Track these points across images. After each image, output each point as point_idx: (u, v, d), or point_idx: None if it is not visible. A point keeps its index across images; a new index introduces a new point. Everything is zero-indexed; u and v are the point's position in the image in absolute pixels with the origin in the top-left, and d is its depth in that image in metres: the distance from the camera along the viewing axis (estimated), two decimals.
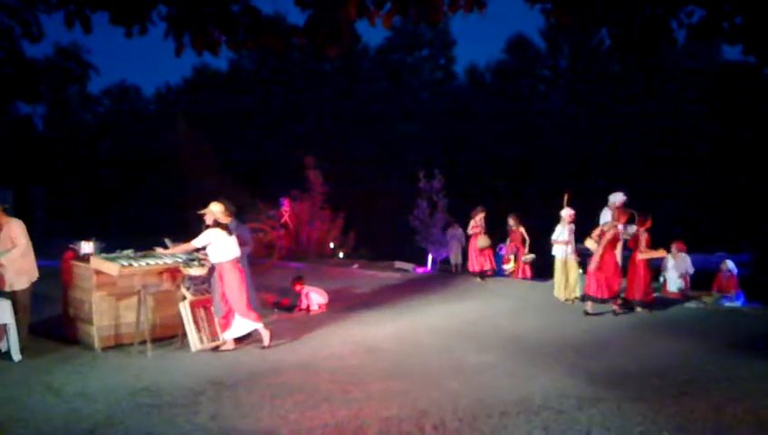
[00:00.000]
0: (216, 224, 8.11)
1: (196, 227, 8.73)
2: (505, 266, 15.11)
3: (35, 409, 5.96)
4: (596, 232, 10.55)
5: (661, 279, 12.73)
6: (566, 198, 11.81)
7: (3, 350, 7.60)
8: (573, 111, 43.20)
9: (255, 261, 12.06)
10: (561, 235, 11.76)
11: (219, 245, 8.06)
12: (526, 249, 14.78)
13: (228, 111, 43.13)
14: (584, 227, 11.22)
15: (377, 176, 35.36)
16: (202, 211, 8.26)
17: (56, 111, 42.33)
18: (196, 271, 8.23)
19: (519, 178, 38.71)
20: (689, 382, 6.71)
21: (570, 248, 11.68)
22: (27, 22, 4.14)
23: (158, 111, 47.95)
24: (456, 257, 18.42)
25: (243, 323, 8.20)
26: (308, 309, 10.73)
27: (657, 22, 4.21)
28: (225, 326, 8.19)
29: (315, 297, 10.90)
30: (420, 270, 17.67)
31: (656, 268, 12.22)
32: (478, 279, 14.38)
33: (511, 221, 14.78)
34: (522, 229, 14.82)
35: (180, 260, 8.52)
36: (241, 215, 9.00)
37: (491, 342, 8.62)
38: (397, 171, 33.44)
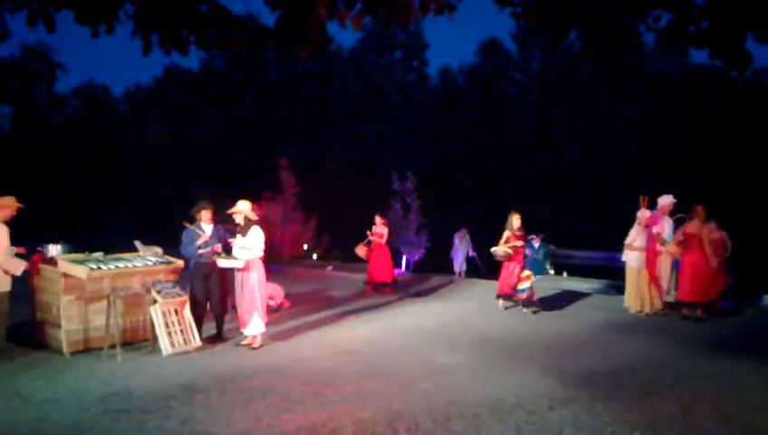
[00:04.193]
0: (250, 220, 8.31)
1: (169, 227, 8.67)
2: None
3: (2, 415, 5.83)
4: (677, 236, 10.37)
5: None
6: (644, 201, 10.80)
7: None
8: (545, 112, 43.57)
9: None
10: (637, 239, 10.67)
11: (261, 241, 8.28)
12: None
13: (200, 111, 42.78)
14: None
15: (350, 177, 35.34)
16: (232, 210, 8.36)
17: (23, 111, 41.62)
18: (230, 263, 8.25)
19: (492, 179, 38.94)
20: (658, 382, 6.80)
21: (644, 256, 10.61)
22: None
23: (128, 110, 47.40)
24: (461, 264, 18.26)
25: (260, 322, 8.30)
26: (277, 309, 10.67)
27: (626, 26, 4.26)
28: (248, 323, 8.27)
29: (276, 292, 10.83)
30: (394, 272, 17.68)
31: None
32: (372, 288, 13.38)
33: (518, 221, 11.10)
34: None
35: (150, 262, 8.44)
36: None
37: (463, 342, 8.66)
38: (370, 172, 33.49)
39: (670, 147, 35.73)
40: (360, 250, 13.60)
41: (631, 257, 10.74)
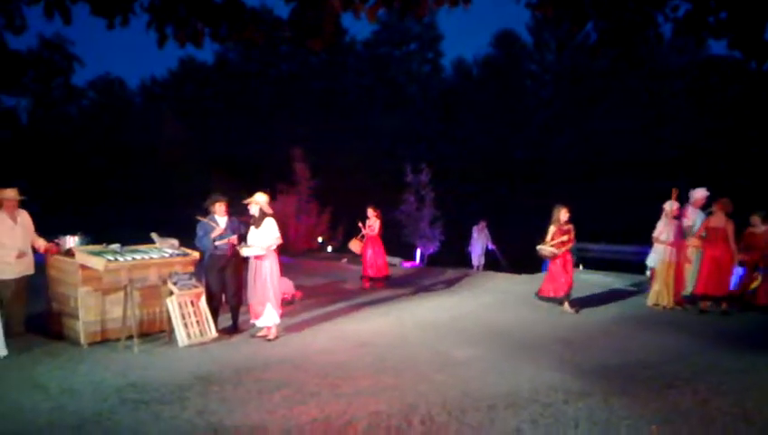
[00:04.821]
0: (264, 213, 8.33)
1: (183, 220, 8.71)
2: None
3: (20, 405, 5.90)
4: (699, 231, 10.20)
5: (647, 273, 12.76)
6: (674, 193, 10.54)
7: None
8: (560, 105, 43.25)
9: None
10: (664, 232, 10.52)
11: (275, 232, 8.31)
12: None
13: (214, 103, 42.91)
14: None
15: (364, 169, 35.33)
16: (248, 201, 8.42)
17: (41, 104, 41.94)
18: (253, 251, 8.27)
19: (506, 173, 38.76)
20: (675, 376, 6.75)
21: (672, 250, 10.43)
22: (10, 13, 4.07)
23: (143, 103, 47.64)
24: (479, 258, 18.01)
25: (274, 313, 8.33)
26: (291, 302, 10.69)
27: (644, 16, 4.21)
28: (260, 314, 8.30)
29: (286, 286, 10.87)
30: (408, 264, 17.68)
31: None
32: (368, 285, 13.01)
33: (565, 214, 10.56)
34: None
35: (167, 254, 8.49)
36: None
37: (478, 336, 8.64)
38: (384, 165, 33.45)
39: (687, 140, 35.32)
40: (354, 245, 13.29)
41: (660, 250, 10.60)
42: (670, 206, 10.58)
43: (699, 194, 10.79)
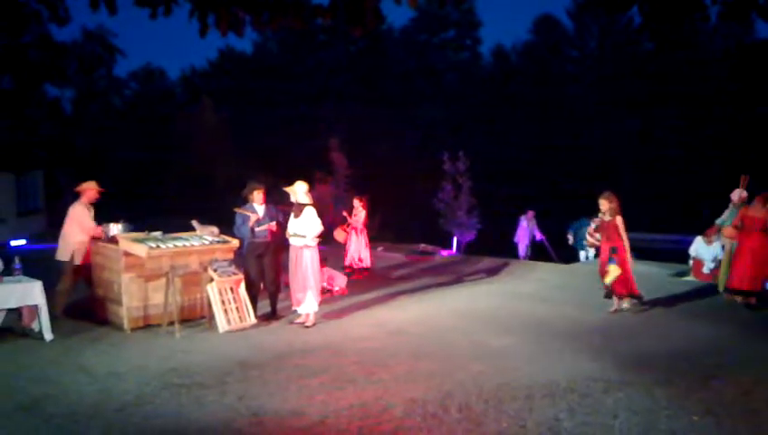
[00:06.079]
0: (302, 203, 8.41)
1: (223, 208, 8.83)
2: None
3: (67, 387, 6.09)
4: (736, 219, 9.73)
5: (690, 262, 12.52)
6: (744, 180, 10.05)
7: (35, 330, 7.76)
8: (603, 91, 42.37)
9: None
10: (728, 221, 10.07)
11: (316, 220, 8.42)
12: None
13: (253, 93, 43.20)
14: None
15: (402, 158, 35.24)
16: (288, 188, 8.54)
17: (84, 95, 42.74)
18: (300, 239, 8.39)
19: (546, 161, 38.26)
20: (717, 366, 6.62)
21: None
22: (54, 5, 4.16)
23: (183, 93, 48.21)
24: (527, 249, 17.32)
25: (314, 301, 8.44)
26: (331, 291, 10.74)
27: None
28: (301, 301, 8.42)
29: (338, 279, 10.92)
30: (445, 253, 17.62)
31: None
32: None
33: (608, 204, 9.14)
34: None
35: (207, 242, 8.62)
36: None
37: (515, 324, 8.59)
38: (422, 153, 33.32)
39: (735, 125, 34.33)
40: (339, 235, 13.16)
41: (725, 239, 10.14)
42: (738, 194, 10.04)
43: None
